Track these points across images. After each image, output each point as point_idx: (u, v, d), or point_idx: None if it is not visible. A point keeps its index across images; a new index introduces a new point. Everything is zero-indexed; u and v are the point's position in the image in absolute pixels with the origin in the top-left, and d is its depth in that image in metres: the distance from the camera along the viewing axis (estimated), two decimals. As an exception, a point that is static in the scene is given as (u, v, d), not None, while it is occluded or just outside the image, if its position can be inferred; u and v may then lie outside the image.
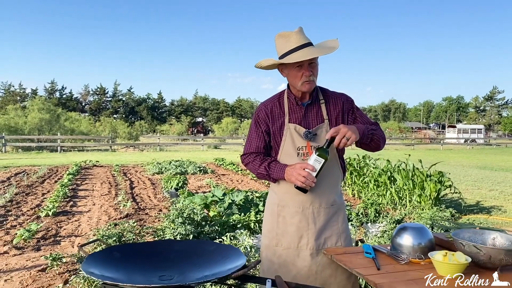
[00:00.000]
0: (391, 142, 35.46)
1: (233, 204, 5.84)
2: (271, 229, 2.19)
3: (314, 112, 2.14)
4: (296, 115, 2.13)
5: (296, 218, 2.11)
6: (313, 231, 2.10)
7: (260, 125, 2.19)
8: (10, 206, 7.22)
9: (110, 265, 1.70)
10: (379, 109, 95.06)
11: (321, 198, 2.11)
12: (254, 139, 2.21)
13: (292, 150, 2.10)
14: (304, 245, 2.09)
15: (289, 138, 2.11)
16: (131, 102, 74.93)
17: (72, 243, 5.08)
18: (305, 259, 2.08)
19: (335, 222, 2.15)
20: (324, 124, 2.12)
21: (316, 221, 2.11)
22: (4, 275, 3.95)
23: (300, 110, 2.13)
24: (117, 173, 12.41)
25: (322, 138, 2.09)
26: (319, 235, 2.10)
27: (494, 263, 1.67)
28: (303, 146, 2.10)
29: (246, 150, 2.24)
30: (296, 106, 2.14)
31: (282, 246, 2.13)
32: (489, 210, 7.36)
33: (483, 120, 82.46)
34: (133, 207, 7.12)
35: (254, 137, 2.21)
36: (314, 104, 2.14)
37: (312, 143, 2.09)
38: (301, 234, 2.10)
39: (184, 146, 30.37)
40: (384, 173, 8.04)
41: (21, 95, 67.61)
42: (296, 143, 2.10)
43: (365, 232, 5.05)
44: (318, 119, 2.13)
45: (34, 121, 28.53)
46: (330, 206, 2.14)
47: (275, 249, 2.14)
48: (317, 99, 2.15)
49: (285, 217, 2.14)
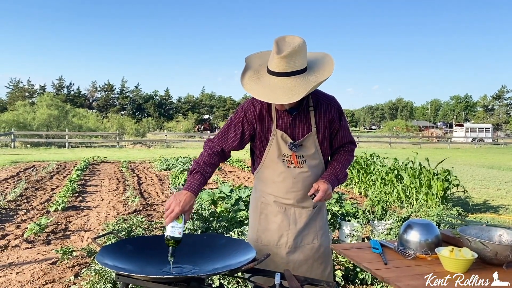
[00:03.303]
0: (398, 141, 35.30)
1: (240, 200, 5.87)
2: (253, 225, 2.22)
3: (302, 120, 2.05)
4: (283, 121, 2.05)
5: (278, 217, 2.14)
6: (293, 231, 2.13)
7: (244, 127, 2.09)
8: (20, 201, 7.31)
9: (123, 257, 1.74)
10: (386, 108, 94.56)
11: (304, 200, 2.13)
12: (229, 136, 2.10)
13: (277, 156, 2.08)
14: (283, 243, 2.12)
15: (275, 145, 2.06)
16: (138, 99, 75.24)
17: (82, 238, 5.15)
18: (283, 256, 2.11)
19: (314, 222, 2.18)
20: (312, 133, 2.06)
21: (297, 222, 2.14)
22: (16, 268, 4.03)
23: (288, 117, 2.04)
24: (124, 169, 12.50)
25: (308, 147, 2.07)
26: (298, 235, 2.14)
27: (500, 259, 1.69)
28: (289, 154, 2.07)
29: (215, 138, 2.12)
30: (283, 112, 2.04)
31: (262, 243, 2.16)
32: (497, 209, 7.33)
33: (491, 119, 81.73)
34: (141, 202, 7.19)
35: (230, 135, 2.10)
36: (303, 112, 2.05)
37: (297, 153, 2.07)
38: (281, 233, 2.13)
39: (191, 143, 30.44)
40: (391, 171, 8.03)
41: (29, 91, 68.15)
42: (282, 150, 2.07)
43: (371, 230, 5.07)
44: (306, 128, 2.06)
45: (42, 117, 28.74)
46: (312, 208, 2.17)
47: (255, 245, 2.16)
48: (306, 106, 2.05)
49: (268, 215, 2.17)
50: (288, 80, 1.81)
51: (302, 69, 1.83)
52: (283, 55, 1.77)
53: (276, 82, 1.82)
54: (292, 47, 1.78)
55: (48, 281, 3.67)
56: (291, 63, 1.79)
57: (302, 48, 1.80)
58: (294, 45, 1.79)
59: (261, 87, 1.84)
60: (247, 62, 1.99)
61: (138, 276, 1.54)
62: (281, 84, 1.81)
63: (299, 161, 2.07)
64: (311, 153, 2.09)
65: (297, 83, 1.81)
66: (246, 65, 1.97)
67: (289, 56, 1.77)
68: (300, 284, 1.61)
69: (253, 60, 2.00)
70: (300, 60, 1.81)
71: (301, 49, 1.80)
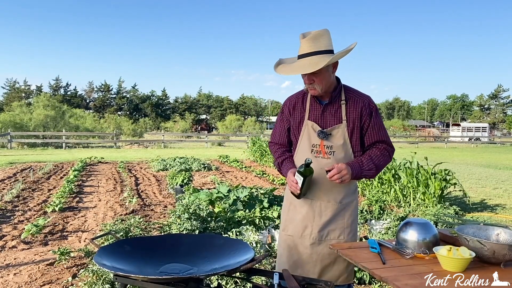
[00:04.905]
0: (395, 140, 35.28)
1: (238, 201, 5.87)
2: (283, 214, 2.34)
3: (333, 112, 2.17)
4: (315, 112, 2.19)
5: (304, 209, 2.21)
6: (318, 223, 2.19)
7: (284, 121, 2.32)
8: (17, 202, 7.29)
9: (121, 257, 1.74)
10: (383, 107, 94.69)
11: (329, 195, 2.19)
12: (277, 133, 2.37)
13: (308, 146, 2.18)
14: (307, 234, 2.19)
15: (306, 135, 2.18)
16: (135, 99, 75.07)
17: (79, 238, 5.14)
18: (307, 247, 2.19)
19: (341, 218, 2.22)
20: (342, 125, 2.15)
21: (322, 215, 2.19)
22: (13, 269, 4.01)
23: (319, 108, 2.18)
24: (122, 169, 12.47)
25: (337, 138, 2.15)
26: (323, 228, 2.19)
27: (498, 258, 1.70)
28: (317, 144, 2.16)
29: (271, 139, 2.42)
30: (316, 104, 2.19)
31: (288, 232, 2.25)
32: (494, 208, 7.36)
33: (487, 119, 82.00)
34: (139, 203, 7.18)
35: (277, 131, 2.37)
36: (334, 104, 2.17)
37: (326, 143, 2.14)
38: (306, 224, 2.20)
39: (188, 143, 30.43)
40: (388, 170, 8.05)
41: (26, 91, 67.93)
42: (312, 140, 2.17)
43: (369, 229, 5.08)
44: (336, 119, 2.16)
45: (39, 118, 28.60)
46: (338, 203, 2.20)
47: (282, 234, 2.29)
48: (338, 99, 2.18)
49: (296, 206, 2.25)
50: (313, 57, 2.00)
51: (328, 50, 2.02)
52: (307, 38, 2.00)
53: (303, 61, 2.02)
54: (315, 31, 2.01)
55: (45, 282, 3.66)
56: (315, 44, 1.99)
57: (325, 32, 2.02)
58: (318, 30, 2.02)
59: (289, 68, 2.07)
60: (279, 60, 2.17)
61: (136, 277, 1.54)
62: (307, 62, 2.01)
63: (327, 151, 2.15)
64: (339, 144, 2.15)
65: (322, 58, 1.99)
66: (279, 61, 2.16)
67: (314, 38, 2.00)
68: (298, 284, 1.61)
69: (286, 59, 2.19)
70: (324, 42, 2.01)
71: (324, 33, 2.02)
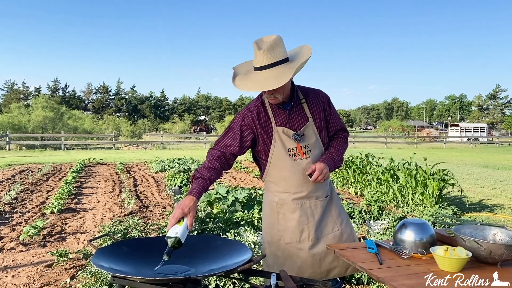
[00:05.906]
0: (394, 141, 35.35)
1: (237, 202, 5.87)
2: (272, 226, 2.27)
3: (298, 113, 2.20)
4: (281, 117, 2.18)
5: (296, 214, 2.21)
6: (312, 223, 2.20)
7: (243, 131, 2.18)
8: (16, 203, 7.28)
9: (119, 259, 1.74)
10: (382, 108, 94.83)
11: (316, 192, 2.22)
12: (227, 141, 2.18)
13: (283, 152, 2.17)
14: (305, 238, 2.20)
15: (279, 141, 2.17)
16: (134, 101, 75.01)
17: (78, 240, 5.13)
18: (308, 250, 2.18)
19: (329, 211, 2.28)
20: (309, 122, 2.20)
21: (315, 214, 2.22)
22: (12, 271, 4.01)
23: (284, 112, 2.18)
24: (120, 171, 12.46)
25: (310, 136, 2.19)
26: (318, 226, 2.21)
27: (495, 258, 1.70)
28: (294, 147, 2.18)
29: (216, 144, 2.21)
30: (279, 109, 2.19)
31: (285, 241, 2.22)
32: (492, 208, 7.37)
33: (486, 119, 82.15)
34: (137, 204, 7.18)
35: (229, 139, 2.18)
36: (296, 105, 2.20)
37: (302, 143, 2.18)
38: (302, 228, 2.20)
39: (187, 144, 30.42)
40: (387, 171, 8.05)
41: (24, 93, 67.85)
42: (286, 145, 2.17)
43: (367, 230, 5.08)
44: (302, 119, 2.20)
45: (37, 119, 28.57)
46: (325, 198, 2.26)
47: (278, 244, 2.22)
48: (298, 99, 2.21)
49: (285, 213, 2.23)
50: (273, 69, 1.97)
51: (284, 59, 2.00)
52: (264, 49, 1.95)
53: (264, 74, 1.97)
54: (270, 41, 1.96)
55: (44, 283, 3.65)
56: (272, 55, 1.96)
57: (279, 41, 1.98)
58: (272, 39, 1.97)
59: (252, 82, 2.00)
60: (234, 70, 2.12)
61: (134, 278, 1.54)
62: (269, 75, 1.96)
63: (305, 151, 2.19)
64: (313, 142, 2.20)
65: (283, 69, 1.97)
66: (234, 72, 2.10)
67: (269, 49, 1.95)
68: (296, 284, 1.61)
69: (239, 68, 2.14)
70: (280, 51, 1.98)
71: (279, 41, 1.98)
